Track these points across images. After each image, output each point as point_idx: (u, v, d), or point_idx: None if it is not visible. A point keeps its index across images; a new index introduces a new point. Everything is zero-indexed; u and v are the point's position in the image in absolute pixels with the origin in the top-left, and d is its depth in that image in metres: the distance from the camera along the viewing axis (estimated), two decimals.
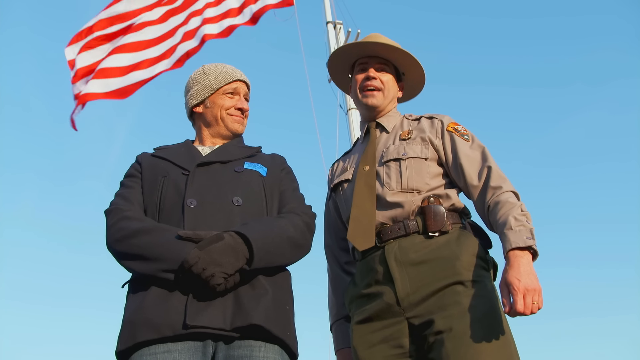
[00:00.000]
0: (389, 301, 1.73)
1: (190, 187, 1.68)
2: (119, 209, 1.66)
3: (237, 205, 1.66)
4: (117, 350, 1.51)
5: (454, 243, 1.75)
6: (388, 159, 1.91)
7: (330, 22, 7.37)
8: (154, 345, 1.47)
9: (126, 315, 1.56)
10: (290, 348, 1.58)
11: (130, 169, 1.84)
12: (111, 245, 1.61)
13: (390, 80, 2.07)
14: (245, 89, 1.97)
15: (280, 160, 1.94)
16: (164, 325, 1.46)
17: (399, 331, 1.71)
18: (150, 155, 1.86)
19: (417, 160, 1.87)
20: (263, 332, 1.51)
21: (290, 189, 1.86)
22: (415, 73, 2.12)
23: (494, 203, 1.76)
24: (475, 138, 1.93)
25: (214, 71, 1.93)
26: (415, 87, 2.20)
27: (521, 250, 1.62)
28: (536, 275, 1.58)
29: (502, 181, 1.79)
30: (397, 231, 1.79)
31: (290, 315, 1.64)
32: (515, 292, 1.54)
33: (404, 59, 2.07)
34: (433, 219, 1.77)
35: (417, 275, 1.72)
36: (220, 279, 1.48)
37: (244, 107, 1.93)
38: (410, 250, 1.75)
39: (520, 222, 1.66)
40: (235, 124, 1.91)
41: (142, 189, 1.74)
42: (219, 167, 1.77)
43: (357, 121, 6.45)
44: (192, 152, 1.82)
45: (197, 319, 1.46)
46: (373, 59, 2.07)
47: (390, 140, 1.99)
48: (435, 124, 1.97)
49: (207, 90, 1.92)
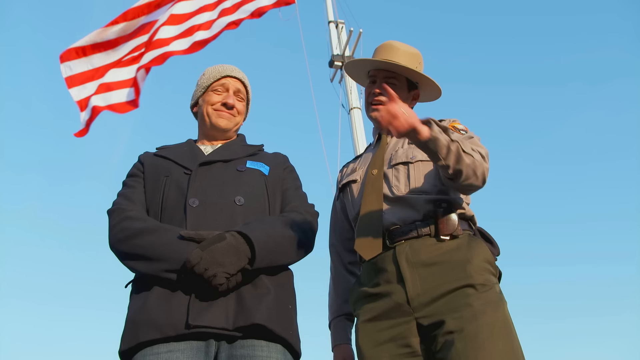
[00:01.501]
0: (399, 300, 1.73)
1: (193, 186, 1.68)
2: (122, 208, 1.66)
3: (239, 205, 1.66)
4: (121, 350, 1.51)
5: (465, 247, 1.77)
6: (397, 162, 1.93)
7: (332, 21, 7.38)
8: (157, 345, 1.47)
9: (129, 314, 1.56)
10: (293, 347, 1.58)
11: (133, 168, 1.84)
12: (114, 245, 1.61)
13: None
14: (238, 85, 1.95)
15: (283, 159, 1.93)
16: (166, 325, 1.46)
17: (407, 330, 1.71)
18: (153, 154, 1.85)
19: (425, 163, 1.89)
20: (265, 331, 1.51)
21: (293, 187, 1.86)
22: (428, 84, 2.12)
23: None
24: (474, 135, 1.92)
25: (209, 70, 1.95)
26: (433, 94, 2.20)
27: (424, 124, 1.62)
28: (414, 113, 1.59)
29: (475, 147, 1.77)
30: (408, 233, 1.81)
31: (292, 314, 1.64)
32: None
33: (413, 73, 2.07)
34: (445, 223, 1.79)
35: (428, 276, 1.73)
36: (223, 279, 1.48)
37: (228, 102, 1.89)
38: (422, 252, 1.77)
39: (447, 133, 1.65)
40: (218, 119, 1.88)
41: (145, 189, 1.74)
42: (221, 166, 1.76)
43: (359, 120, 6.45)
44: (195, 151, 1.82)
45: (199, 319, 1.46)
46: (381, 72, 2.08)
47: (400, 143, 2.01)
48: None
49: (200, 89, 1.94)
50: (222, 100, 1.90)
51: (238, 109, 1.93)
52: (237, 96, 1.94)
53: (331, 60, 7.08)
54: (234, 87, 1.93)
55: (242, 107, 1.95)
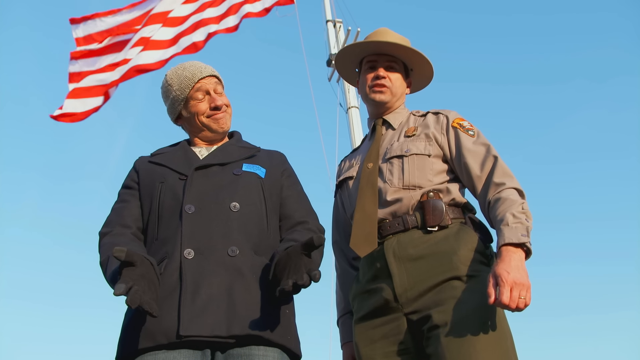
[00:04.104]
0: (387, 297, 1.73)
1: (189, 192, 1.66)
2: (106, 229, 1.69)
3: (235, 211, 1.64)
4: (117, 357, 1.51)
5: (453, 238, 1.74)
6: (391, 155, 1.90)
7: (330, 20, 7.37)
8: (153, 351, 1.47)
9: (124, 322, 1.56)
10: (292, 350, 1.57)
11: (127, 179, 1.81)
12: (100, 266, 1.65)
13: (399, 79, 2.08)
14: (214, 81, 1.86)
15: (280, 159, 1.90)
16: (159, 333, 1.45)
17: (398, 327, 1.71)
18: (148, 160, 1.83)
19: (420, 157, 1.87)
20: (262, 340, 1.50)
21: (295, 193, 1.83)
22: (423, 69, 2.13)
23: (494, 199, 1.74)
24: (481, 134, 1.91)
25: (175, 80, 1.84)
26: (422, 81, 2.21)
27: (514, 246, 1.59)
28: (526, 272, 1.55)
29: (506, 177, 1.76)
30: (396, 226, 1.79)
31: (290, 318, 1.62)
32: (502, 283, 1.50)
33: (412, 56, 2.07)
34: (432, 213, 1.76)
35: (415, 270, 1.71)
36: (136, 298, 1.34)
37: (217, 104, 1.83)
38: (409, 246, 1.75)
39: (519, 219, 1.63)
40: (217, 124, 1.84)
41: (140, 198, 1.73)
42: (217, 170, 1.74)
43: (357, 119, 6.44)
44: (189, 156, 1.79)
45: (190, 329, 1.44)
46: (382, 56, 2.07)
47: (396, 137, 1.99)
48: (441, 120, 1.96)
49: (178, 103, 1.85)
50: (210, 105, 1.83)
51: (226, 104, 1.87)
52: (217, 92, 1.87)
53: (329, 60, 7.07)
54: (211, 87, 1.85)
55: (227, 100, 1.89)
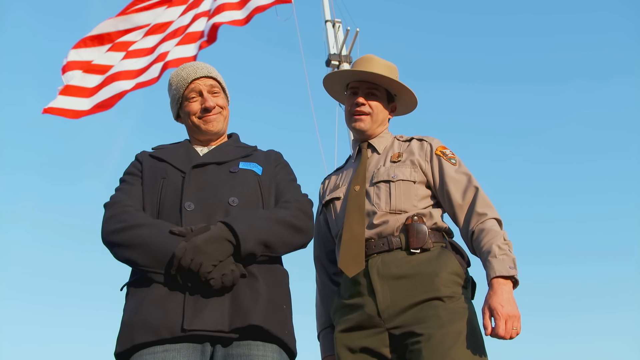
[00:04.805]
0: (371, 312, 1.82)
1: (187, 189, 1.68)
2: (121, 202, 1.67)
3: (233, 206, 1.67)
4: (116, 352, 1.52)
5: (434, 260, 1.84)
6: (379, 180, 1.99)
7: (329, 20, 7.36)
8: (153, 346, 1.48)
9: (124, 317, 1.57)
10: (289, 346, 1.60)
11: (131, 167, 1.84)
12: (108, 235, 1.62)
13: (379, 106, 2.13)
14: (210, 82, 1.88)
15: (276, 157, 1.93)
16: (161, 328, 1.47)
17: (379, 341, 1.80)
18: (149, 155, 1.85)
19: (406, 182, 1.96)
20: (261, 332, 1.52)
21: (286, 180, 1.86)
22: (407, 96, 2.17)
23: (478, 230, 1.85)
24: (462, 163, 2.01)
25: (174, 80, 1.89)
26: (407, 107, 2.26)
27: (504, 278, 1.72)
28: (516, 303, 1.70)
29: (487, 208, 1.88)
30: (380, 246, 1.89)
31: (287, 314, 1.65)
32: (498, 317, 1.65)
33: (394, 84, 2.12)
34: (415, 236, 1.86)
35: (397, 288, 1.81)
36: (209, 266, 1.48)
37: (208, 106, 1.84)
38: (392, 265, 1.84)
39: (504, 251, 1.76)
40: (207, 126, 1.85)
41: (143, 188, 1.75)
42: (214, 169, 1.77)
43: None
44: (190, 153, 1.82)
45: (194, 323, 1.47)
46: (364, 83, 2.13)
47: (382, 161, 2.06)
48: (425, 147, 2.05)
49: (176, 102, 1.91)
50: (201, 106, 1.85)
51: (220, 105, 1.88)
52: (212, 93, 1.88)
53: (328, 60, 7.08)
54: (205, 87, 1.86)
55: (222, 101, 1.90)
